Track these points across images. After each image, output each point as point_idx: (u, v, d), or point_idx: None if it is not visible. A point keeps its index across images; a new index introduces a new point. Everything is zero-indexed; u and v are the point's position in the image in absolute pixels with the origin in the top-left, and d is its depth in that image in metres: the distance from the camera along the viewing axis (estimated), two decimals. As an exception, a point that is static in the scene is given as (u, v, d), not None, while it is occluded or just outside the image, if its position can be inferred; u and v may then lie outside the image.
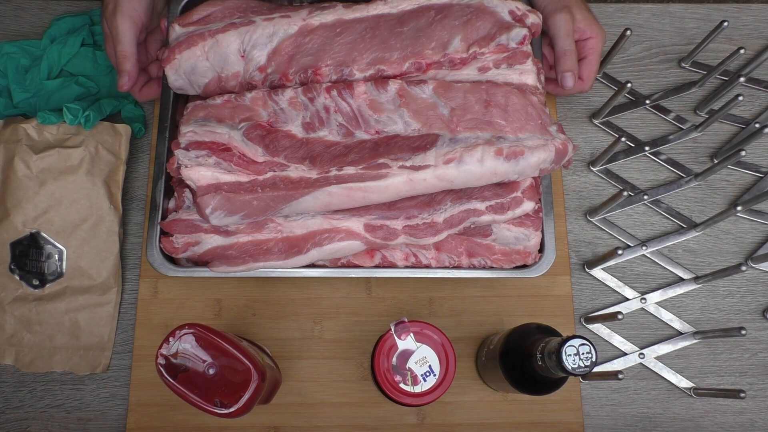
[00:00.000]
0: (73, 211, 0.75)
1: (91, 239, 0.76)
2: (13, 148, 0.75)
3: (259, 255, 0.69)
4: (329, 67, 0.70)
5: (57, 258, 0.75)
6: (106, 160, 0.77)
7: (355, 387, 0.76)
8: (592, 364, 0.55)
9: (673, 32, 0.91)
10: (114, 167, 0.77)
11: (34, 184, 0.74)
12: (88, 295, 0.76)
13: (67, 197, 0.75)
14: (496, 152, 0.64)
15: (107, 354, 0.76)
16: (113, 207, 0.77)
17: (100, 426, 0.75)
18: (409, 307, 0.79)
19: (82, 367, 0.76)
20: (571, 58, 0.74)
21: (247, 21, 0.70)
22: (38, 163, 0.74)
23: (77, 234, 0.75)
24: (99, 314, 0.76)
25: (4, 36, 0.86)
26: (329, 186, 0.65)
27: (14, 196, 0.74)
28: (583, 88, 0.79)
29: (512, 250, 0.73)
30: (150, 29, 0.77)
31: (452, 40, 0.71)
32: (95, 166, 0.76)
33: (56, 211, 0.74)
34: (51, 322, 0.75)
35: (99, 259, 0.76)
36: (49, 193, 0.74)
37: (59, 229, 0.75)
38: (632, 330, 0.80)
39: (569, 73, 0.74)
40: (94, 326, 0.76)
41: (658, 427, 0.77)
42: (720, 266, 0.80)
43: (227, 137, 0.68)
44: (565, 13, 0.74)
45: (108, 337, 0.76)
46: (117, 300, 0.77)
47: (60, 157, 0.75)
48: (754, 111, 0.88)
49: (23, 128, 0.75)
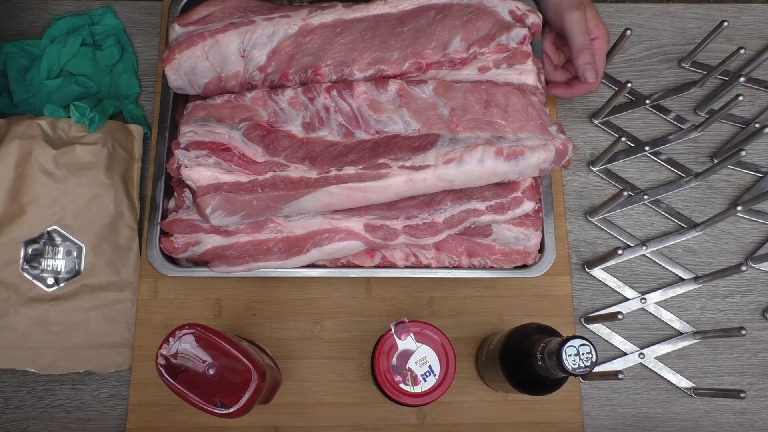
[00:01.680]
0: (92, 208, 0.74)
1: (110, 236, 0.75)
2: (30, 144, 0.73)
3: (259, 255, 0.69)
4: (329, 67, 0.70)
5: (75, 255, 0.73)
6: (122, 158, 0.77)
7: (355, 387, 0.76)
8: (592, 365, 0.55)
9: (673, 32, 0.91)
10: (129, 165, 0.78)
11: (53, 180, 0.73)
12: (107, 293, 0.75)
13: (85, 193, 0.74)
14: (496, 152, 0.64)
15: (128, 351, 0.75)
16: (131, 203, 0.77)
17: (100, 426, 0.75)
18: (409, 307, 0.79)
19: (105, 365, 0.74)
20: (591, 53, 0.76)
21: (247, 21, 0.70)
22: (57, 158, 0.73)
23: (95, 230, 0.74)
24: (118, 311, 0.75)
25: (4, 36, 0.86)
26: (329, 186, 0.65)
27: (31, 192, 0.72)
28: (591, 89, 0.79)
29: (512, 250, 0.73)
30: None
31: (452, 40, 0.70)
32: (113, 163, 0.75)
33: (74, 207, 0.73)
34: (69, 322, 0.74)
35: (118, 255, 0.75)
36: (69, 189, 0.73)
37: (77, 226, 0.74)
38: (632, 330, 0.80)
39: (589, 65, 0.75)
40: (114, 324, 0.75)
41: (658, 427, 0.77)
42: (720, 266, 0.80)
43: (227, 137, 0.68)
44: (580, 10, 0.75)
45: (129, 334, 0.76)
46: (135, 296, 0.77)
47: (79, 153, 0.74)
48: (754, 111, 0.88)
49: (38, 124, 0.74)
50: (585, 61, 0.75)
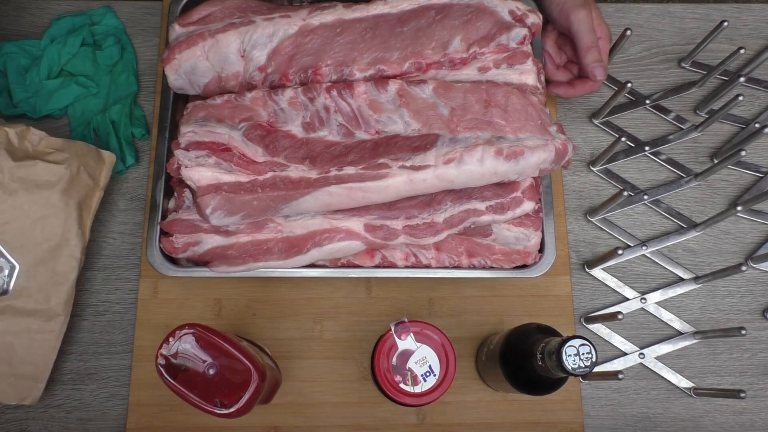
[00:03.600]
0: (38, 228, 0.69)
1: (49, 260, 0.69)
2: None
3: (259, 255, 0.69)
4: (329, 67, 0.70)
5: (6, 274, 0.68)
6: (84, 183, 0.71)
7: (355, 387, 0.76)
8: (592, 365, 0.55)
9: (673, 32, 0.91)
10: (90, 192, 0.72)
11: (3, 192, 0.68)
12: (31, 319, 0.69)
13: (34, 212, 0.69)
14: (496, 152, 0.64)
15: (40, 386, 0.70)
16: (81, 232, 0.71)
17: (100, 426, 0.75)
18: (409, 307, 0.79)
19: (9, 396, 0.69)
20: (599, 51, 0.76)
21: (247, 21, 0.70)
22: (15, 170, 0.68)
23: (35, 252, 0.69)
24: (39, 341, 0.69)
25: (4, 36, 0.86)
26: (329, 186, 0.65)
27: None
28: (594, 88, 0.79)
29: (512, 250, 0.73)
30: None
31: (452, 40, 0.71)
32: (72, 186, 0.70)
33: (19, 224, 0.68)
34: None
35: (52, 282, 0.70)
36: (17, 204, 0.68)
37: (16, 244, 0.68)
38: (632, 330, 0.80)
39: (598, 63, 0.75)
40: (31, 354, 0.69)
41: (658, 427, 0.77)
42: (720, 266, 0.80)
43: (227, 137, 0.68)
44: (587, 9, 0.76)
45: (44, 368, 0.70)
46: (62, 330, 0.70)
47: (39, 169, 0.69)
48: (754, 111, 0.88)
49: (5, 131, 0.69)
50: (594, 59, 0.75)
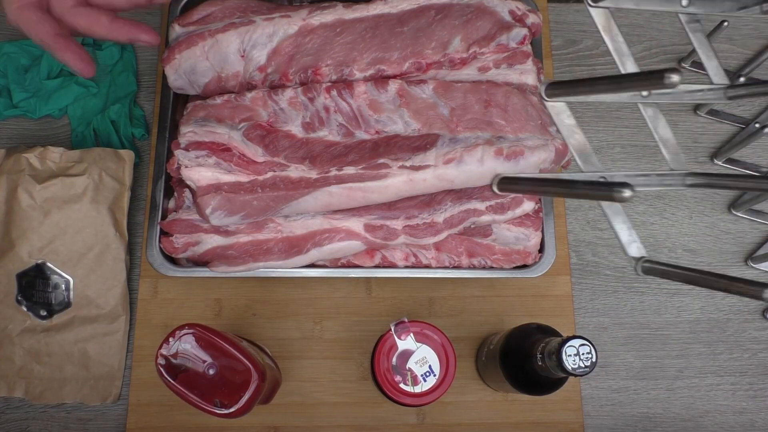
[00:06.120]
0: (79, 240, 0.73)
1: (98, 268, 0.74)
2: (16, 179, 0.73)
3: (259, 255, 0.69)
4: (329, 67, 0.70)
5: (64, 288, 0.73)
6: (110, 187, 0.75)
7: (355, 387, 0.76)
8: (592, 365, 0.55)
9: (673, 32, 0.91)
10: (118, 194, 0.76)
11: (39, 214, 0.73)
12: (96, 324, 0.74)
13: (71, 226, 0.73)
14: (496, 152, 0.64)
15: (117, 383, 0.75)
16: (119, 234, 0.75)
17: (100, 426, 0.75)
18: (409, 307, 0.79)
19: (92, 398, 0.74)
20: None
21: (247, 21, 0.70)
22: (42, 192, 0.72)
23: (83, 263, 0.74)
24: (108, 343, 0.75)
25: (4, 36, 0.86)
26: (329, 186, 0.65)
27: (19, 227, 0.73)
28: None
29: (512, 250, 0.73)
30: None
31: (452, 40, 0.71)
32: (99, 193, 0.74)
33: (61, 241, 0.73)
34: (60, 353, 0.74)
35: (106, 287, 0.75)
36: (53, 222, 0.73)
37: (65, 259, 0.73)
38: (632, 330, 0.80)
39: None
40: (103, 356, 0.75)
41: (658, 427, 0.77)
42: (720, 266, 0.80)
43: (227, 137, 0.68)
44: None
45: (118, 366, 0.75)
46: (125, 328, 0.76)
47: (63, 185, 0.73)
48: (754, 111, 0.88)
49: (26, 158, 0.74)
50: None
